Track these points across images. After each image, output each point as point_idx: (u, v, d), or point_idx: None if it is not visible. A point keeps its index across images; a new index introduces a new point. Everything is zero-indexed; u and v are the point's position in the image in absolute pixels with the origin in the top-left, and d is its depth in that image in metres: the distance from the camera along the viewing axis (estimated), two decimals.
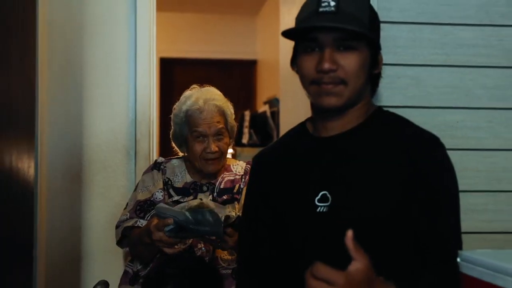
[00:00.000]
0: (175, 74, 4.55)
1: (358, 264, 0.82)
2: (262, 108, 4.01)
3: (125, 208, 1.58)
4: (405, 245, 0.97)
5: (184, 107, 1.56)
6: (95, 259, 1.87)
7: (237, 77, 4.66)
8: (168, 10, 4.12)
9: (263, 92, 4.32)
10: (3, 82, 0.85)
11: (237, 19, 4.61)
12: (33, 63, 1.03)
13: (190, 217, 1.29)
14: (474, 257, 0.90)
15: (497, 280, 0.83)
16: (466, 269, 0.90)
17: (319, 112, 1.06)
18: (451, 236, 1.00)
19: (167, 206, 1.42)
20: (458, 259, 0.93)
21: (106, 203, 1.86)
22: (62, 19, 1.83)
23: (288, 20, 2.10)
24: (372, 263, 0.84)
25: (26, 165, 0.96)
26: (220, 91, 1.67)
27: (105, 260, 1.85)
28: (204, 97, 1.55)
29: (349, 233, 0.82)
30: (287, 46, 1.15)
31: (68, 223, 1.80)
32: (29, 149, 0.99)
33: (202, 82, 1.75)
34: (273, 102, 3.59)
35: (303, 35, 1.02)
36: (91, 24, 1.91)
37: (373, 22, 1.04)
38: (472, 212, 1.42)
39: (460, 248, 1.00)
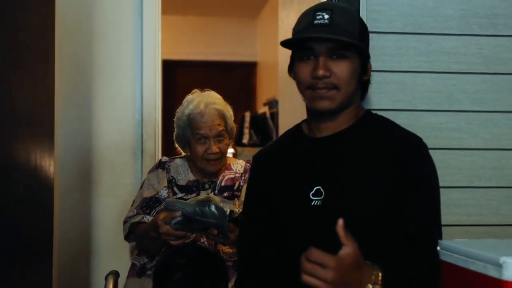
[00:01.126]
0: (177, 76, 4.48)
1: (347, 249, 0.87)
2: (262, 109, 3.99)
3: (132, 205, 1.60)
4: (390, 233, 1.01)
5: (187, 111, 1.58)
6: (104, 252, 1.88)
7: (237, 78, 4.59)
8: (170, 13, 4.08)
9: (263, 94, 4.27)
10: (29, 89, 0.90)
11: (238, 22, 4.54)
12: (52, 69, 1.07)
13: (197, 209, 1.33)
14: (450, 245, 0.95)
15: (470, 265, 0.89)
16: (444, 256, 0.96)
17: (314, 114, 1.11)
18: (432, 227, 1.04)
19: (175, 199, 1.45)
20: (438, 248, 1.00)
21: (114, 200, 1.87)
22: (72, 26, 1.83)
23: (287, 25, 2.10)
24: (360, 248, 0.89)
25: (47, 164, 1.01)
26: (221, 92, 1.68)
27: (113, 253, 1.86)
28: (205, 101, 1.57)
29: (340, 222, 0.87)
30: (286, 49, 1.18)
31: (78, 218, 1.82)
32: (50, 149, 1.03)
33: (203, 84, 1.76)
34: (273, 104, 3.56)
35: (300, 44, 1.07)
36: (99, 31, 1.91)
37: (362, 33, 1.09)
38: (454, 207, 1.44)
39: (440, 237, 1.05)
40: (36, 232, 0.96)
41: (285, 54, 1.24)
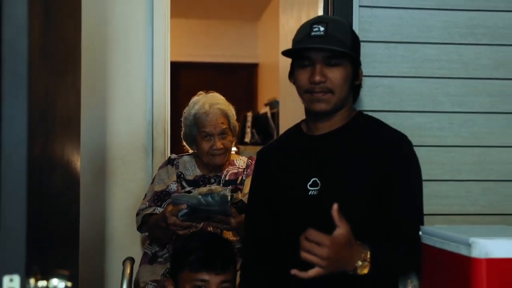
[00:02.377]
0: (181, 77, 4.35)
1: (341, 230, 0.95)
2: (263, 109, 3.94)
3: (144, 198, 1.65)
4: (378, 218, 1.09)
5: (193, 111, 1.63)
6: (117, 242, 1.90)
7: (239, 79, 4.51)
8: (174, 16, 4.02)
9: (264, 94, 4.20)
10: (64, 94, 0.98)
11: (240, 24, 4.47)
12: (79, 76, 1.13)
13: (202, 200, 1.39)
14: (430, 230, 1.02)
15: (445, 246, 0.96)
16: (425, 239, 1.02)
17: (312, 115, 1.17)
18: (415, 214, 1.11)
19: (181, 193, 1.50)
20: (420, 232, 1.09)
21: (126, 194, 1.90)
22: (89, 33, 1.81)
23: (287, 30, 2.12)
24: (351, 230, 0.97)
25: (75, 159, 1.08)
26: (224, 93, 1.72)
27: (125, 243, 1.89)
28: (209, 102, 1.62)
29: (335, 206, 0.95)
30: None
31: (94, 211, 1.85)
32: (77, 146, 1.10)
33: (206, 84, 1.80)
34: (273, 104, 3.52)
35: (299, 53, 1.12)
36: (113, 38, 1.92)
37: (354, 43, 1.14)
38: (437, 198, 1.48)
39: (422, 224, 1.12)
40: (68, 220, 1.04)
41: (285, 57, 1.26)
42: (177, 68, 4.58)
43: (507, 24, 1.51)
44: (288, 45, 1.19)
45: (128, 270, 1.51)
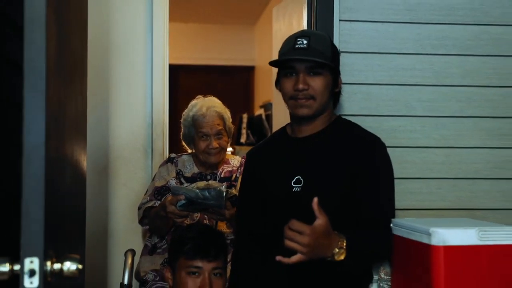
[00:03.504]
0: (180, 79, 4.31)
1: (320, 221, 1.01)
2: (258, 111, 3.92)
3: (145, 194, 1.69)
4: (354, 211, 1.15)
5: (191, 113, 1.68)
6: (119, 236, 1.93)
7: (236, 82, 4.47)
8: (173, 20, 3.96)
9: (260, 96, 4.17)
10: (73, 100, 1.06)
11: (237, 29, 4.44)
12: (85, 83, 1.19)
13: (200, 194, 1.43)
14: (400, 222, 1.12)
15: (411, 235, 1.06)
16: (395, 230, 1.13)
17: (295, 119, 1.23)
18: (386, 208, 1.17)
19: (180, 186, 1.55)
20: (391, 224, 1.18)
21: (128, 191, 1.92)
22: (92, 40, 1.88)
23: (279, 36, 2.15)
24: (330, 221, 1.03)
25: (82, 159, 1.15)
26: (221, 95, 1.76)
27: (126, 236, 1.91)
28: (206, 105, 1.67)
29: (315, 200, 1.01)
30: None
31: (97, 207, 1.86)
32: (83, 147, 1.17)
33: (204, 86, 1.83)
34: (268, 106, 3.49)
35: (284, 64, 1.19)
36: (114, 44, 1.92)
37: (334, 55, 1.21)
38: (410, 194, 1.51)
39: (393, 216, 1.18)
40: (76, 213, 1.11)
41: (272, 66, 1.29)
42: (176, 70, 4.55)
43: (474, 37, 1.54)
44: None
45: (129, 260, 1.56)
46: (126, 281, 1.51)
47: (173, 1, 2.12)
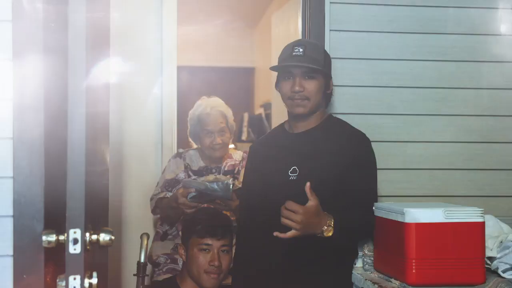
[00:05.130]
0: (183, 80, 4.22)
1: (311, 202, 1.13)
2: (258, 110, 3.93)
3: (156, 186, 1.82)
4: (341, 196, 1.23)
5: (197, 112, 1.78)
6: (132, 224, 2.04)
7: (237, 82, 4.32)
8: (178, 24, 3.99)
9: (260, 96, 4.14)
10: (101, 99, 1.19)
11: (237, 31, 4.25)
12: (107, 82, 1.31)
13: (208, 186, 1.55)
14: (381, 205, 1.23)
15: (389, 215, 1.17)
16: (376, 212, 1.23)
17: (292, 116, 1.32)
18: (370, 193, 1.28)
19: (190, 179, 1.67)
20: (374, 207, 1.28)
21: (139, 183, 2.03)
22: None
23: (278, 40, 2.23)
24: (320, 204, 1.15)
25: (105, 153, 1.29)
26: (223, 95, 1.86)
27: (139, 224, 2.02)
28: (210, 105, 1.76)
29: (308, 184, 1.13)
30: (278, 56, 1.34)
31: (112, 198, 1.81)
32: (106, 142, 1.29)
33: (206, 87, 1.93)
34: (267, 106, 3.49)
35: (283, 69, 1.30)
36: (130, 48, 2.02)
37: (326, 61, 1.31)
38: (392, 183, 1.58)
39: (376, 201, 1.29)
40: (102, 197, 1.22)
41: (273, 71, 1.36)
42: (181, 72, 4.53)
43: (448, 44, 1.63)
44: (279, 52, 1.32)
45: (145, 242, 1.66)
46: (142, 260, 1.63)
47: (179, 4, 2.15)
